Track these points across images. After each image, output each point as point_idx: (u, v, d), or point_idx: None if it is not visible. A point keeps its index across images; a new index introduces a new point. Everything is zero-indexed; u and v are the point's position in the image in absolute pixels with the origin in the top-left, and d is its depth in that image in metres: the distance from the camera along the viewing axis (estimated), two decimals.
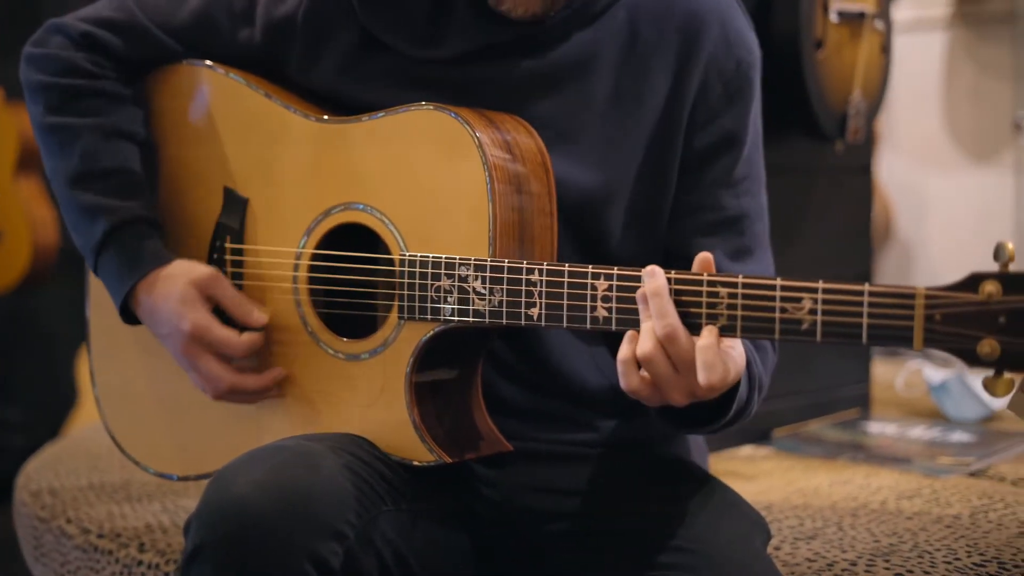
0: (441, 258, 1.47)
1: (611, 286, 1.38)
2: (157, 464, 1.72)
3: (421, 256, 1.49)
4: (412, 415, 1.50)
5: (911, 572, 1.67)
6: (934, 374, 2.80)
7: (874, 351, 2.97)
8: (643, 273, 1.34)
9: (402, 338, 1.50)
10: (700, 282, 1.32)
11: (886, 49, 2.71)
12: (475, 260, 1.45)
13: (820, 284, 1.26)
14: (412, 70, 1.58)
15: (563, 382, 1.59)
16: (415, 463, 1.50)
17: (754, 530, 1.53)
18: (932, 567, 1.69)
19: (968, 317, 1.18)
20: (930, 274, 4.91)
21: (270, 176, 1.62)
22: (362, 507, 1.39)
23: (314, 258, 1.58)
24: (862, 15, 2.58)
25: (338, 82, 1.61)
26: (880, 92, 2.73)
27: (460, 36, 1.56)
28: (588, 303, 1.39)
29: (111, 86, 1.66)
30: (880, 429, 2.64)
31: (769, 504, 2.02)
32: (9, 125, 3.48)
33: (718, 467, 1.87)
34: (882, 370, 3.16)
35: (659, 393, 1.34)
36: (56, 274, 3.69)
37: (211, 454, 1.65)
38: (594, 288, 1.39)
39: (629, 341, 1.34)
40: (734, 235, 1.58)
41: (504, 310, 1.44)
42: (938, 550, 1.76)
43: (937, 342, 1.20)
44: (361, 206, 1.54)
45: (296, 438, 1.48)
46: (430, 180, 1.50)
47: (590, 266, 1.39)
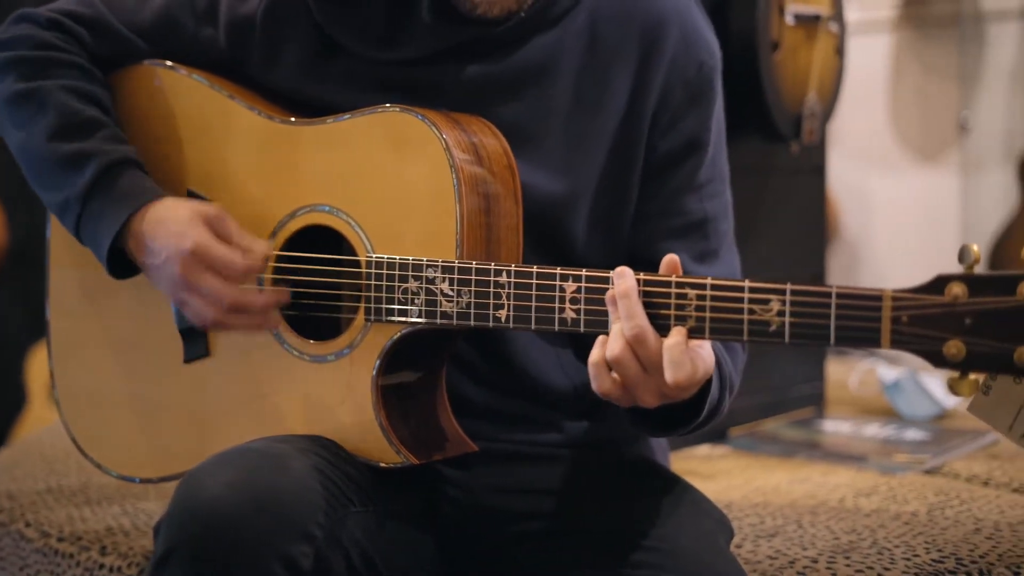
0: (408, 260, 1.47)
1: (579, 288, 1.39)
2: (119, 466, 1.71)
3: (388, 258, 1.49)
4: (379, 417, 1.50)
5: (871, 568, 1.70)
6: (887, 373, 2.84)
7: (827, 350, 3.00)
8: (613, 275, 1.35)
9: (368, 340, 1.50)
10: (668, 283, 1.33)
11: (840, 51, 2.74)
12: (443, 262, 1.45)
13: (788, 286, 1.27)
14: (371, 72, 1.58)
15: (528, 383, 1.60)
16: (381, 465, 1.50)
17: (718, 528, 1.54)
18: (892, 563, 1.71)
19: (934, 319, 1.20)
20: (876, 273, 4.97)
21: (233, 178, 1.61)
22: (331, 508, 1.39)
23: (279, 260, 1.57)
24: (817, 17, 2.61)
25: (299, 83, 1.61)
26: (834, 94, 2.76)
27: (418, 38, 1.56)
28: (556, 305, 1.40)
29: (82, 62, 1.64)
30: (835, 428, 2.67)
31: (729, 503, 2.04)
32: None
33: (676, 466, 1.88)
34: (836, 369, 3.19)
35: (629, 394, 1.35)
36: (2, 277, 3.65)
37: (175, 456, 1.64)
38: (562, 290, 1.40)
39: (600, 344, 1.35)
40: (699, 238, 1.59)
41: (472, 312, 1.44)
42: (897, 547, 1.78)
43: (904, 343, 1.21)
44: (327, 208, 1.54)
45: (264, 440, 1.47)
46: (396, 182, 1.50)
47: (558, 268, 1.40)
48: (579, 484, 1.58)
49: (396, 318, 1.48)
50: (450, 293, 1.45)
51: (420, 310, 1.46)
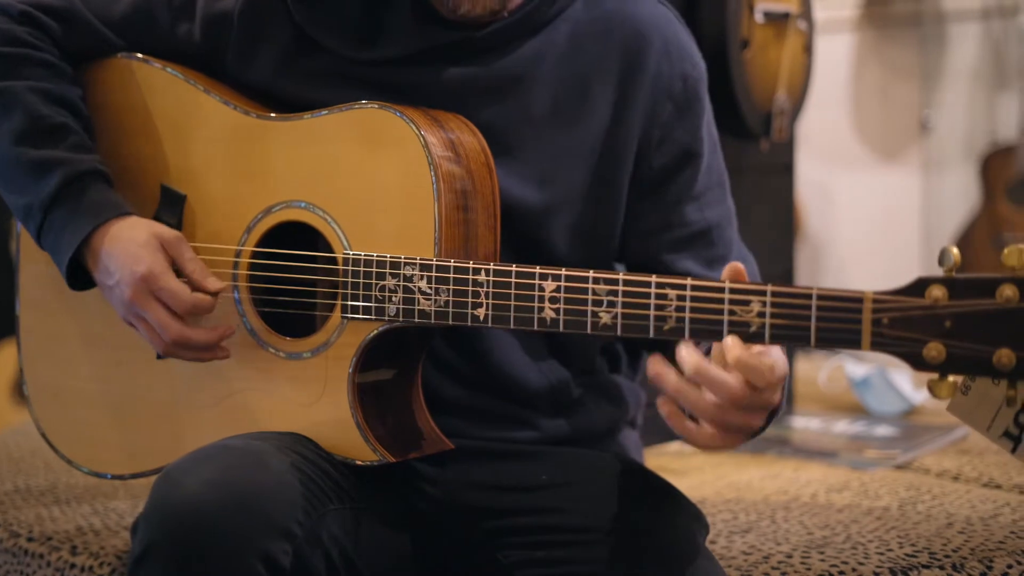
0: (386, 257, 1.47)
1: (559, 287, 1.38)
2: (90, 463, 1.69)
3: (365, 255, 1.48)
4: (355, 414, 1.49)
5: (846, 563, 1.70)
6: (855, 369, 2.85)
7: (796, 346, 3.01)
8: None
9: (345, 337, 1.50)
10: (648, 284, 1.33)
11: (808, 49, 2.75)
12: (420, 260, 1.45)
13: (769, 287, 1.27)
14: (349, 71, 1.57)
15: (504, 381, 1.60)
16: (358, 462, 1.49)
17: (695, 524, 1.55)
18: (866, 558, 1.72)
19: (915, 321, 1.20)
20: (839, 271, 5.00)
21: (209, 173, 1.60)
22: (310, 506, 1.39)
23: (255, 256, 1.56)
24: (786, 15, 2.62)
25: (275, 80, 1.60)
26: (803, 92, 2.77)
27: (398, 38, 1.56)
28: (535, 304, 1.39)
29: (53, 59, 1.62)
30: (805, 424, 2.68)
31: (702, 499, 2.04)
32: None
33: (649, 463, 1.88)
34: (804, 366, 3.21)
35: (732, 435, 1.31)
36: None
37: (148, 453, 1.62)
38: (542, 289, 1.39)
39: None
40: (705, 247, 1.59)
41: (450, 310, 1.43)
42: (870, 541, 1.79)
43: (884, 346, 1.22)
44: (303, 204, 1.53)
45: (241, 437, 1.46)
46: (374, 179, 1.49)
47: (537, 267, 1.39)
48: (555, 481, 1.58)
49: (373, 316, 1.47)
50: (428, 291, 1.44)
51: (398, 308, 1.46)
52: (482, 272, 1.42)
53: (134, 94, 1.65)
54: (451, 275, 1.43)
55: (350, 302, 1.48)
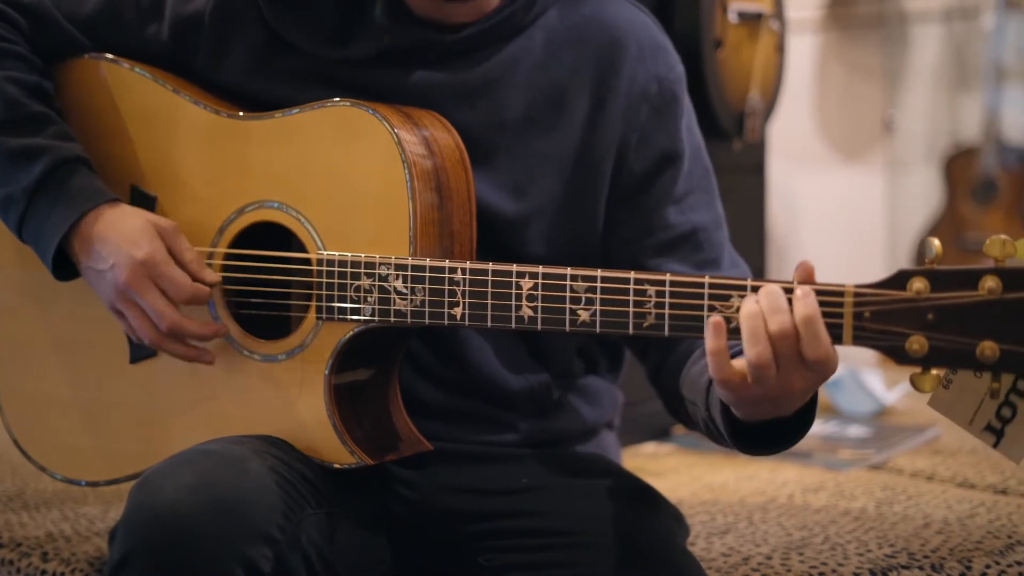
0: (360, 257, 1.45)
1: (536, 284, 1.37)
2: (64, 469, 1.66)
3: (340, 255, 1.46)
4: (332, 417, 1.47)
5: (825, 564, 1.70)
6: None
7: None
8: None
9: (320, 339, 1.48)
10: (627, 280, 1.32)
11: (781, 49, 2.76)
12: (396, 259, 1.43)
13: (749, 282, 1.26)
14: (321, 71, 1.56)
15: (482, 383, 1.58)
16: (336, 466, 1.47)
17: (676, 526, 1.54)
18: (845, 559, 1.71)
19: (897, 314, 1.19)
20: None
21: (179, 174, 1.58)
22: (289, 509, 1.37)
23: (227, 257, 1.54)
24: (759, 15, 2.62)
25: (246, 80, 1.58)
26: (775, 91, 2.78)
27: (370, 38, 1.54)
28: (513, 302, 1.38)
29: (26, 53, 1.59)
30: None
31: (679, 500, 2.03)
32: None
33: (625, 464, 1.88)
34: None
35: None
36: None
37: (123, 458, 1.60)
38: (519, 287, 1.38)
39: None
40: (691, 250, 1.57)
41: (427, 310, 1.42)
42: (849, 542, 1.78)
43: (866, 339, 1.21)
44: (276, 204, 1.51)
45: (219, 441, 1.44)
46: (348, 178, 1.47)
47: (515, 265, 1.38)
48: (534, 484, 1.56)
49: (349, 316, 1.45)
50: (404, 291, 1.43)
51: (373, 308, 1.44)
52: (458, 271, 1.40)
53: (102, 95, 1.62)
54: (427, 274, 1.41)
55: (325, 303, 1.46)
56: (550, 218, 1.56)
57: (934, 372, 1.20)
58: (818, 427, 2.63)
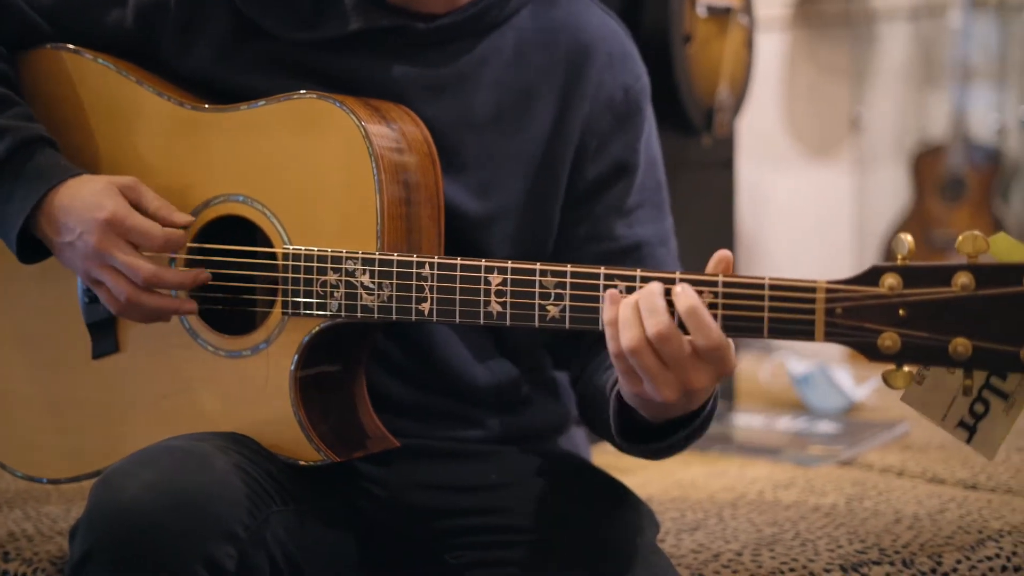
0: (327, 252, 1.43)
1: (505, 280, 1.35)
2: (24, 466, 1.63)
3: (305, 250, 1.44)
4: (298, 413, 1.45)
5: (796, 560, 1.69)
6: (796, 366, 2.85)
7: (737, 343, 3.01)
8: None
9: (286, 334, 1.46)
10: (597, 276, 1.31)
11: (750, 44, 2.75)
12: (363, 254, 1.41)
13: (720, 277, 1.25)
14: (289, 57, 1.53)
15: (450, 379, 1.57)
16: (301, 463, 1.45)
17: (646, 523, 1.53)
18: (816, 555, 1.71)
19: (869, 310, 1.18)
20: (772, 269, 5.02)
21: (143, 167, 1.55)
22: (254, 507, 1.35)
23: (191, 251, 1.51)
24: (728, 10, 2.61)
25: (213, 69, 1.56)
26: (744, 87, 2.77)
27: (338, 18, 1.52)
28: (481, 298, 1.37)
29: None
30: (747, 421, 2.67)
31: (648, 496, 2.02)
32: None
33: (594, 460, 1.86)
34: (745, 362, 3.21)
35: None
36: None
37: (85, 455, 1.57)
38: (487, 283, 1.36)
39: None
40: (633, 264, 1.54)
41: (394, 305, 1.40)
42: (820, 538, 1.78)
43: (838, 336, 1.20)
44: (241, 197, 1.49)
45: (182, 438, 1.42)
46: (313, 171, 1.45)
47: (483, 260, 1.36)
48: (504, 480, 1.55)
49: (315, 312, 1.43)
50: (371, 286, 1.41)
51: (340, 303, 1.42)
52: (426, 266, 1.38)
53: (64, 86, 1.59)
54: (394, 269, 1.40)
55: (291, 298, 1.44)
56: (514, 220, 1.55)
57: (907, 369, 1.19)
58: (788, 423, 2.63)
